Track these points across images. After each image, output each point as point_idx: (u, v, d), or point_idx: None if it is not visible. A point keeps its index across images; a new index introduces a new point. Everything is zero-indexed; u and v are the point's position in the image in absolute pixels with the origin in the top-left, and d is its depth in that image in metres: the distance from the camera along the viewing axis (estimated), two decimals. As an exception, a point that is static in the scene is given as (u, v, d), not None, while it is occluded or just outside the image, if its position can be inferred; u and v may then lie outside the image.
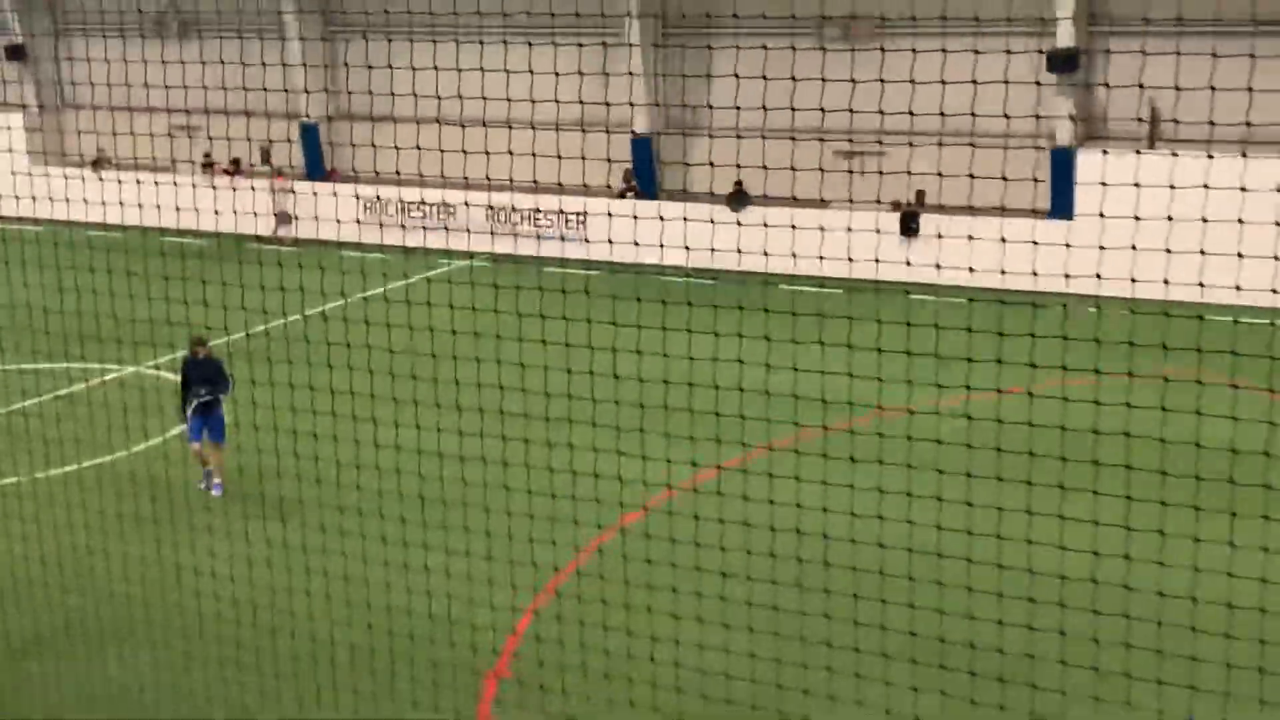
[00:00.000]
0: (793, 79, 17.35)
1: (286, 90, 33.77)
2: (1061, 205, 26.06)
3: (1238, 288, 15.88)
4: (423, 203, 32.40)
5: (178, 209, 28.72)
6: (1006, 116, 25.64)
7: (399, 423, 15.74)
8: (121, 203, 20.38)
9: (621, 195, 30.46)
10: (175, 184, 30.07)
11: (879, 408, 16.61)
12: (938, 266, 22.34)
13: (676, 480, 16.91)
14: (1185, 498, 14.08)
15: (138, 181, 24.69)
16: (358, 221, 32.33)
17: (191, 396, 18.76)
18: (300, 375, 17.51)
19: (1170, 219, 15.41)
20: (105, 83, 36.07)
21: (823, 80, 16.63)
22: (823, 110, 27.56)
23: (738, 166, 29.01)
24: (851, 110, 27.50)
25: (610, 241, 21.56)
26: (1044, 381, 18.45)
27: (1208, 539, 14.37)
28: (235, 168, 34.72)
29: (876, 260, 23.16)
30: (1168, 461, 14.50)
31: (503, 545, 15.00)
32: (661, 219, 28.63)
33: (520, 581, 14.87)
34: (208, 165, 35.18)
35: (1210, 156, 22.27)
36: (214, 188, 33.20)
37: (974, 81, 25.25)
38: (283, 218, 32.63)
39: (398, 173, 32.04)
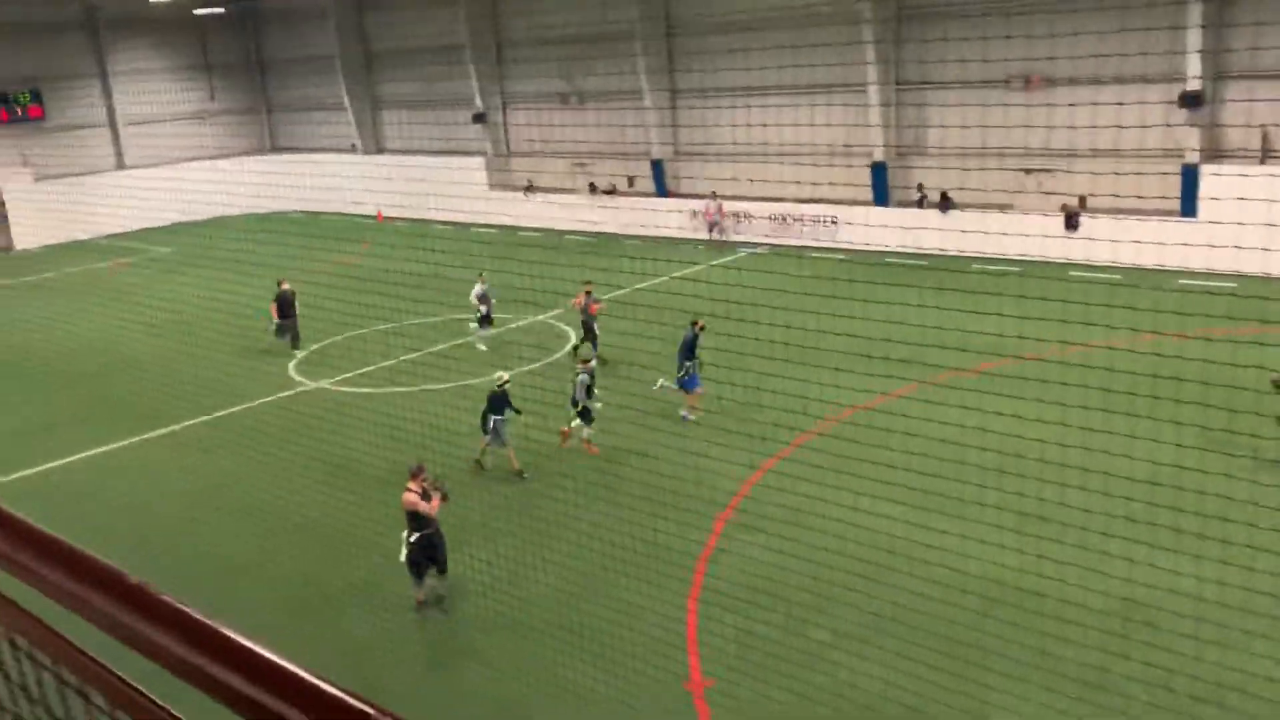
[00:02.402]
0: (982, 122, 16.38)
1: (646, 141, 34.56)
2: (1188, 208, 23.85)
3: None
4: (731, 212, 32.38)
5: (576, 219, 30.09)
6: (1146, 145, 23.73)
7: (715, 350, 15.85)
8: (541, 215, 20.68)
9: (919, 204, 28.99)
10: (573, 202, 31.26)
11: (1053, 345, 15.77)
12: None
13: (894, 390, 16.55)
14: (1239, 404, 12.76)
15: (550, 202, 25.57)
16: (688, 225, 32.88)
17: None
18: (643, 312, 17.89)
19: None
20: (530, 137, 38.15)
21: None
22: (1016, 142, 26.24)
23: (944, 184, 27.97)
24: (1030, 141, 26.18)
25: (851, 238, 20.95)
26: (1161, 333, 17.16)
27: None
28: (613, 189, 35.69)
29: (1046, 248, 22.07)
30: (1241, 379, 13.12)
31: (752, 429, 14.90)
32: (891, 220, 28.11)
33: (762, 450, 14.71)
34: (593, 189, 36.30)
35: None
36: (594, 204, 34.45)
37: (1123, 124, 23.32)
38: (716, 227, 31.96)
39: (714, 193, 32.66)
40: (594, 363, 16.48)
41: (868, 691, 9.16)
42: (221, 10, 43.78)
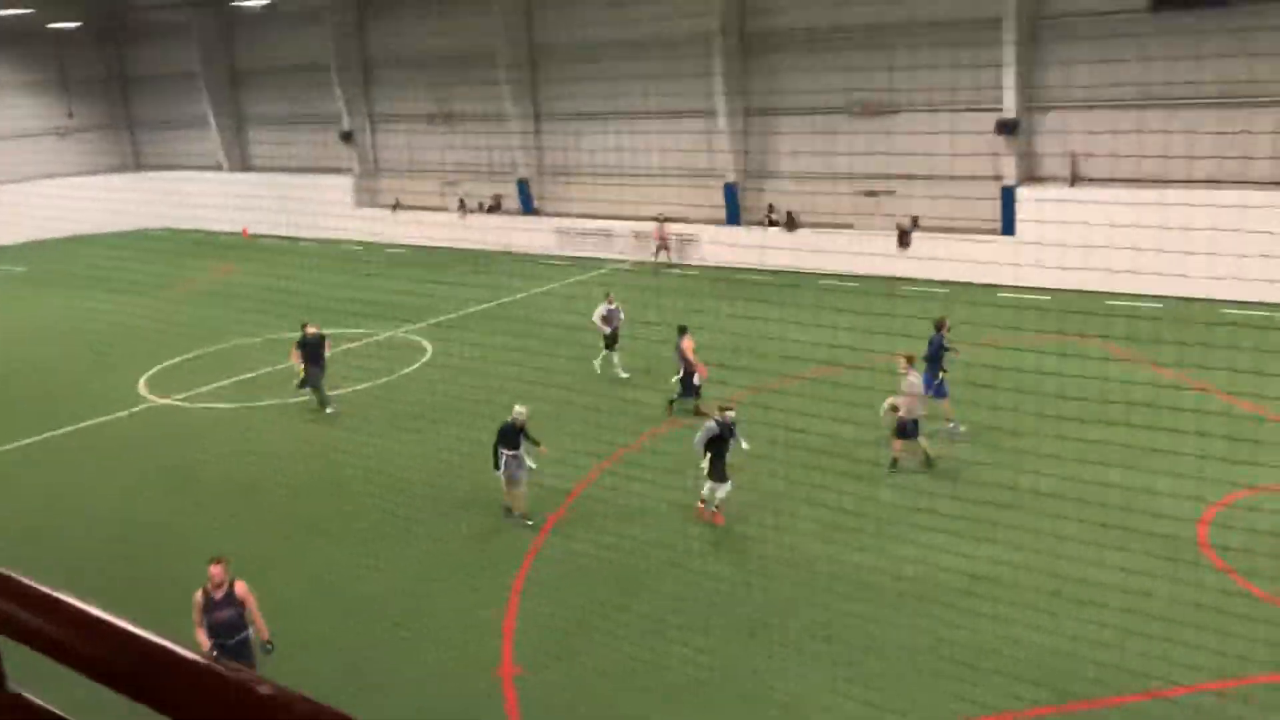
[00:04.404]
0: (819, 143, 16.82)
1: (511, 160, 35.04)
2: (1008, 225, 25.72)
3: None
4: (595, 230, 33.14)
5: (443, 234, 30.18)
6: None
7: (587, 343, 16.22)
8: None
9: (769, 223, 29.74)
10: (442, 219, 31.30)
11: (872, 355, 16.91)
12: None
13: (731, 395, 17.42)
14: (1040, 407, 14.12)
15: (417, 220, 25.88)
16: (554, 242, 33.49)
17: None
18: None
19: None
20: (398, 156, 38.26)
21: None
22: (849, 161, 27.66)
23: (790, 205, 29.26)
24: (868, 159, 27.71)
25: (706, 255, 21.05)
26: (988, 339, 18.56)
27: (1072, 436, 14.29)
28: (480, 208, 36.07)
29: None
30: (1049, 384, 14.52)
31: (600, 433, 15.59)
32: (741, 239, 29.29)
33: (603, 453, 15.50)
34: (462, 206, 36.58)
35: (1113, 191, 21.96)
36: (463, 220, 34.73)
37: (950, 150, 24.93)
38: (661, 249, 30.76)
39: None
40: (732, 413, 13.31)
41: (663, 667, 9.86)
42: (79, 24, 42.51)
